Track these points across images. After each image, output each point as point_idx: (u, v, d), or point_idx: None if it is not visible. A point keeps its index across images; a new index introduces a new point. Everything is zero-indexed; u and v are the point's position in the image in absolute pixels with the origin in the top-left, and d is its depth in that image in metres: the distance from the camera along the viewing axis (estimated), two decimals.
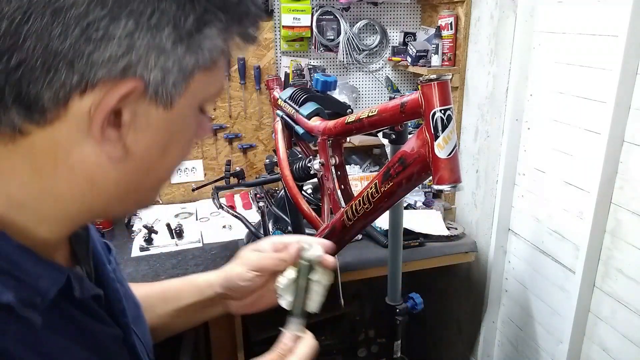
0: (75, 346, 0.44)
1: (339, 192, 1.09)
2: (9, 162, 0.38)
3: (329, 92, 1.23)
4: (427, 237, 1.72)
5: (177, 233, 1.71)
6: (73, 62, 0.34)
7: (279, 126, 1.38)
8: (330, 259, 0.64)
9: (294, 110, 1.23)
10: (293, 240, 0.66)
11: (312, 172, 1.17)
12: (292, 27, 1.91)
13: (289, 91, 1.30)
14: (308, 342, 0.65)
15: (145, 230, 1.69)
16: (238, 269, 0.75)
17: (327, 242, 0.67)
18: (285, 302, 0.65)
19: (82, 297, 0.45)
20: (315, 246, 0.64)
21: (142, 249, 1.63)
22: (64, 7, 0.32)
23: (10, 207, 0.39)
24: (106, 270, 0.54)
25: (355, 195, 0.99)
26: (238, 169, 1.58)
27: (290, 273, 0.64)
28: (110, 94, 0.35)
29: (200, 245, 1.69)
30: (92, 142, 0.37)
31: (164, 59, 0.36)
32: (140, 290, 0.67)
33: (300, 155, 1.29)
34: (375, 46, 2.09)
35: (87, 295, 0.46)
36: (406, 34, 2.09)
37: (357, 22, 2.04)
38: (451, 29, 1.82)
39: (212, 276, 0.77)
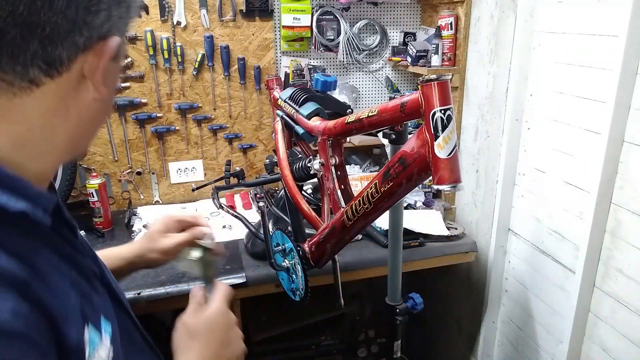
0: (65, 264, 0.54)
1: (339, 192, 1.09)
2: (20, 108, 0.48)
3: (329, 92, 1.23)
4: (427, 237, 1.72)
5: None
6: (82, 28, 0.47)
7: (279, 126, 1.38)
8: (218, 247, 0.94)
9: (294, 110, 1.22)
10: (189, 219, 0.99)
11: (312, 172, 1.17)
12: (292, 27, 1.91)
13: (289, 91, 1.30)
14: (221, 287, 0.79)
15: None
16: (153, 255, 0.97)
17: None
18: (181, 266, 0.97)
19: (69, 220, 0.58)
20: (207, 235, 0.94)
21: None
22: None
23: (13, 147, 0.49)
24: (72, 220, 0.63)
25: (355, 195, 0.99)
26: (238, 169, 1.57)
27: (196, 252, 0.92)
28: (108, 46, 0.50)
29: None
30: (89, 87, 0.51)
31: (121, 26, 0.52)
32: None
33: (300, 155, 1.29)
34: (375, 46, 2.09)
35: (71, 221, 0.59)
36: (406, 34, 2.10)
37: (357, 22, 2.04)
38: (451, 29, 1.82)
39: (126, 253, 0.97)
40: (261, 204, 1.35)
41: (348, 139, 1.16)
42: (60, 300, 0.49)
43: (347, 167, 1.68)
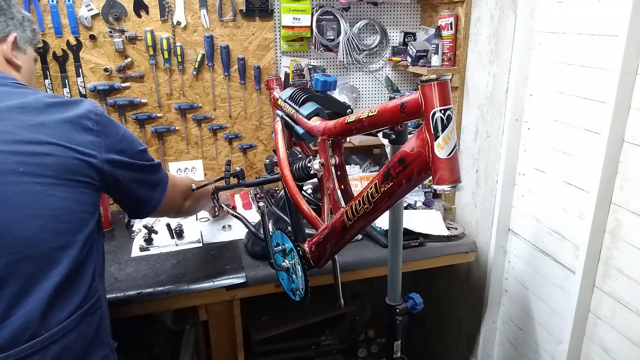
0: None
1: (339, 192, 1.09)
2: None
3: (329, 92, 1.23)
4: (427, 237, 1.72)
5: (177, 233, 1.71)
6: None
7: (279, 126, 1.37)
8: None
9: (294, 110, 1.22)
10: None
11: (312, 172, 1.17)
12: (292, 27, 1.91)
13: (289, 91, 1.30)
14: None
15: (145, 231, 1.69)
16: None
17: None
18: None
19: None
20: None
21: (142, 249, 1.63)
22: None
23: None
24: None
25: (355, 195, 0.99)
26: (238, 169, 1.57)
27: None
28: (8, 39, 1.03)
29: (200, 245, 1.69)
30: (11, 59, 1.03)
31: (18, 31, 1.05)
32: None
33: (300, 155, 1.29)
34: (375, 46, 2.09)
35: None
36: (406, 34, 2.10)
37: (357, 22, 2.04)
38: (451, 29, 1.82)
39: None
40: (261, 204, 1.35)
41: (348, 139, 1.16)
42: None
43: (347, 167, 1.68)
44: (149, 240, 1.66)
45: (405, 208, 1.86)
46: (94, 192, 0.98)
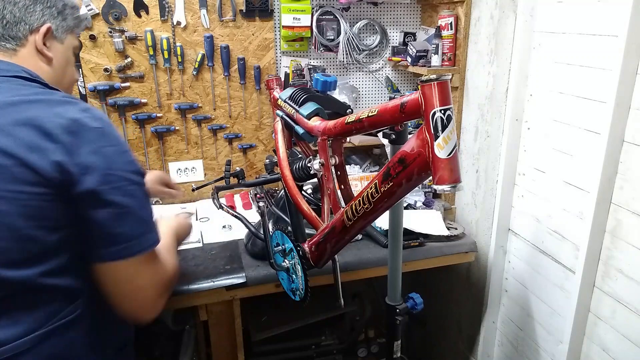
0: None
1: (339, 192, 1.09)
2: (17, 59, 0.95)
3: (329, 92, 1.23)
4: (427, 237, 1.72)
5: None
6: (24, 20, 0.95)
7: (279, 126, 1.37)
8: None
9: (294, 110, 1.22)
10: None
11: (312, 172, 1.17)
12: (292, 27, 1.91)
13: (289, 91, 1.30)
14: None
15: None
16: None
17: None
18: None
19: None
20: None
21: None
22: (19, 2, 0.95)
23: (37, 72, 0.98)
24: None
25: (355, 195, 0.99)
26: (238, 169, 1.57)
27: None
28: (41, 29, 0.96)
29: (200, 245, 1.69)
30: (43, 51, 0.97)
31: (56, 20, 0.99)
32: None
33: (300, 155, 1.29)
34: (375, 46, 2.09)
35: None
36: (406, 34, 2.10)
37: (357, 22, 2.04)
38: (451, 29, 1.82)
39: None
40: (261, 204, 1.35)
41: (348, 139, 1.15)
42: None
43: (347, 167, 1.68)
44: None
45: (405, 208, 1.86)
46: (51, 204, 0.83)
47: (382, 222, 1.69)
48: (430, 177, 0.77)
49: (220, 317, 1.57)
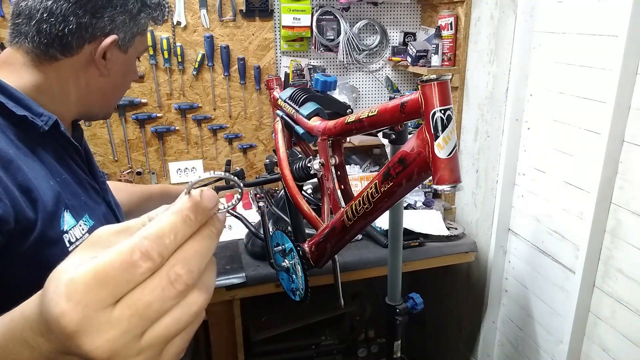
0: (59, 166, 0.74)
1: (339, 192, 1.09)
2: (42, 70, 0.74)
3: (329, 92, 1.23)
4: (427, 237, 1.72)
5: None
6: (87, 27, 0.74)
7: (279, 126, 1.37)
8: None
9: (294, 110, 1.22)
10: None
11: (312, 172, 1.17)
12: (292, 27, 1.91)
13: (289, 91, 1.30)
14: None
15: None
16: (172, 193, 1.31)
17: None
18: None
19: (66, 133, 0.76)
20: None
21: None
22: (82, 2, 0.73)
23: (34, 90, 0.74)
24: (94, 161, 0.87)
25: (355, 195, 0.99)
26: (238, 169, 1.57)
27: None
28: (104, 41, 0.76)
29: None
30: (93, 65, 0.78)
31: (125, 28, 0.79)
32: None
33: (300, 155, 1.29)
34: (375, 46, 2.09)
35: (75, 143, 0.78)
36: (406, 34, 2.09)
37: (357, 22, 2.04)
38: (451, 29, 1.82)
39: (146, 187, 1.24)
40: (261, 204, 1.35)
41: (348, 139, 1.15)
42: (37, 177, 0.67)
43: (347, 167, 1.68)
44: None
45: (405, 208, 1.86)
46: None
47: (382, 222, 1.69)
48: (430, 177, 0.77)
49: (220, 317, 1.57)
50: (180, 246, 0.30)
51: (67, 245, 0.69)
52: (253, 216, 1.84)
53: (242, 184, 0.39)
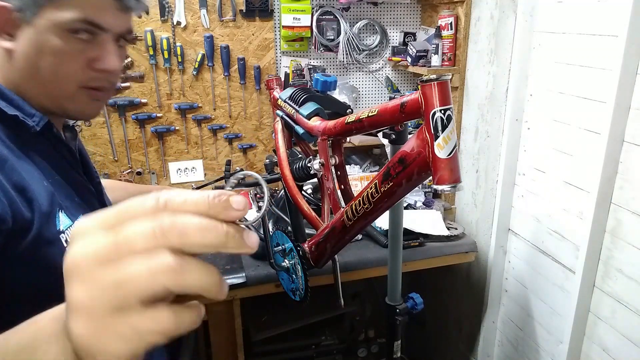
0: (51, 168, 0.72)
1: (339, 192, 1.09)
2: None
3: (329, 92, 1.23)
4: (427, 237, 1.72)
5: None
6: None
7: (279, 126, 1.37)
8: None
9: (294, 110, 1.22)
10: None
11: (312, 172, 1.17)
12: (292, 27, 1.91)
13: (289, 91, 1.30)
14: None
15: None
16: None
17: None
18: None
19: (58, 135, 0.75)
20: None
21: None
22: None
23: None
24: (91, 163, 0.86)
25: (355, 195, 0.99)
26: (238, 169, 1.57)
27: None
28: None
29: None
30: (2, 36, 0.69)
31: None
32: None
33: (300, 155, 1.29)
34: (375, 46, 2.09)
35: (69, 144, 0.78)
36: (406, 34, 2.09)
37: (357, 22, 2.04)
38: (451, 29, 1.82)
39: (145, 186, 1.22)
40: (261, 203, 1.34)
41: (348, 139, 1.15)
42: (30, 178, 0.66)
43: (347, 167, 1.68)
44: None
45: (405, 208, 1.86)
46: None
47: (382, 222, 1.69)
48: (430, 177, 0.77)
49: (220, 317, 1.57)
50: (188, 215, 0.31)
51: (65, 245, 0.69)
52: (253, 216, 1.84)
53: (268, 197, 0.42)
